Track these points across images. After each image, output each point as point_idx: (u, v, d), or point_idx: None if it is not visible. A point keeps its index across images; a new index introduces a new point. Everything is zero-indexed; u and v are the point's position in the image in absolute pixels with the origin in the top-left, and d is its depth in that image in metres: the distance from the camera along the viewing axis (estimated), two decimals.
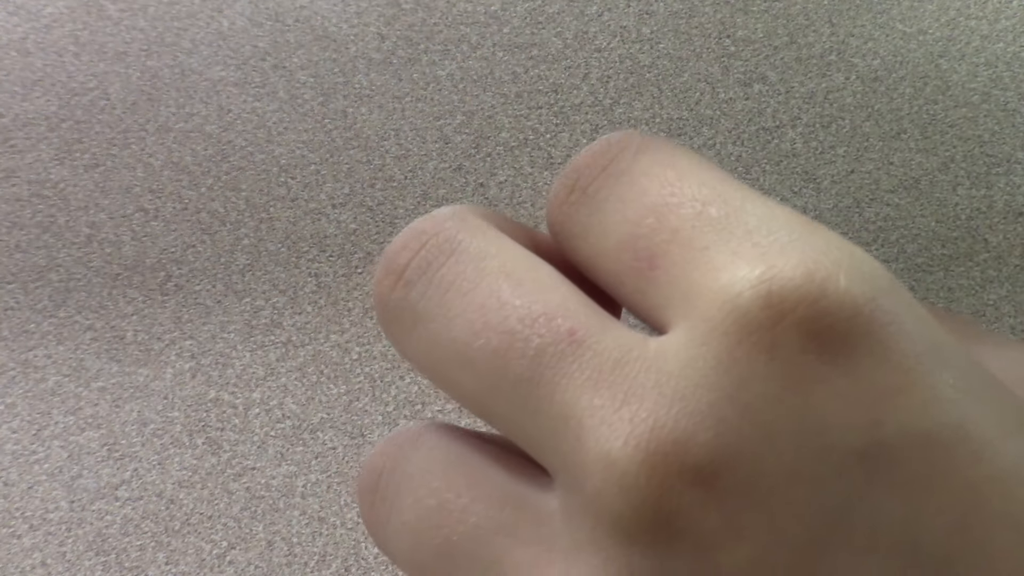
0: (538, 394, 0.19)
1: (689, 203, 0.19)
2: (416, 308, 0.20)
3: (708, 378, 0.17)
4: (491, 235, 0.20)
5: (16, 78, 0.39)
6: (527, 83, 0.39)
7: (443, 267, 0.20)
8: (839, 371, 0.17)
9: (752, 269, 0.18)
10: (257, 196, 0.37)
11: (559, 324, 0.19)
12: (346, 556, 0.32)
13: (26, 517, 0.33)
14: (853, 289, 0.17)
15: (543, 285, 0.19)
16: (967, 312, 0.34)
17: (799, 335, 0.17)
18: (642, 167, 0.20)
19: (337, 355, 0.35)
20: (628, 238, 0.19)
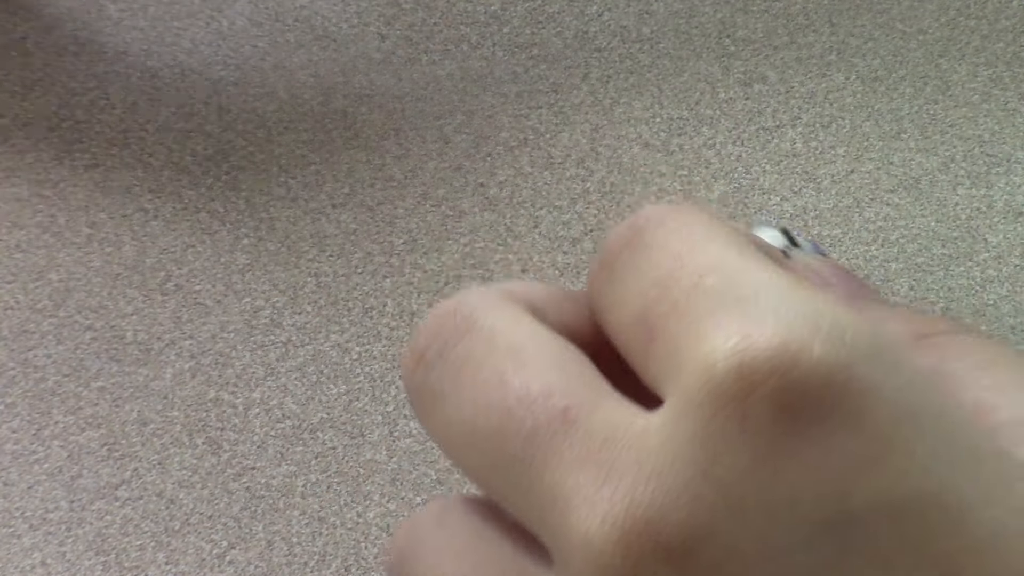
0: (531, 473, 0.19)
1: (689, 275, 0.19)
2: (434, 389, 0.21)
3: (684, 453, 0.18)
4: (507, 311, 0.21)
5: (16, 78, 0.39)
6: (527, 83, 0.39)
7: (457, 346, 0.21)
8: (810, 442, 0.17)
9: (728, 339, 0.18)
10: (257, 196, 0.37)
11: (555, 403, 0.19)
12: (346, 556, 0.32)
13: (26, 517, 0.33)
14: (828, 357, 0.18)
15: (547, 362, 0.20)
16: (967, 313, 0.34)
17: (771, 407, 0.17)
18: (658, 240, 0.21)
19: (337, 355, 0.35)
20: (639, 311, 0.20)
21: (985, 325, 0.34)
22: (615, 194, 0.37)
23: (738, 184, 0.37)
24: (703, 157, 0.38)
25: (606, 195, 0.37)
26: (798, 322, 0.18)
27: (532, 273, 0.36)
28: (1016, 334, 0.34)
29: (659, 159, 0.37)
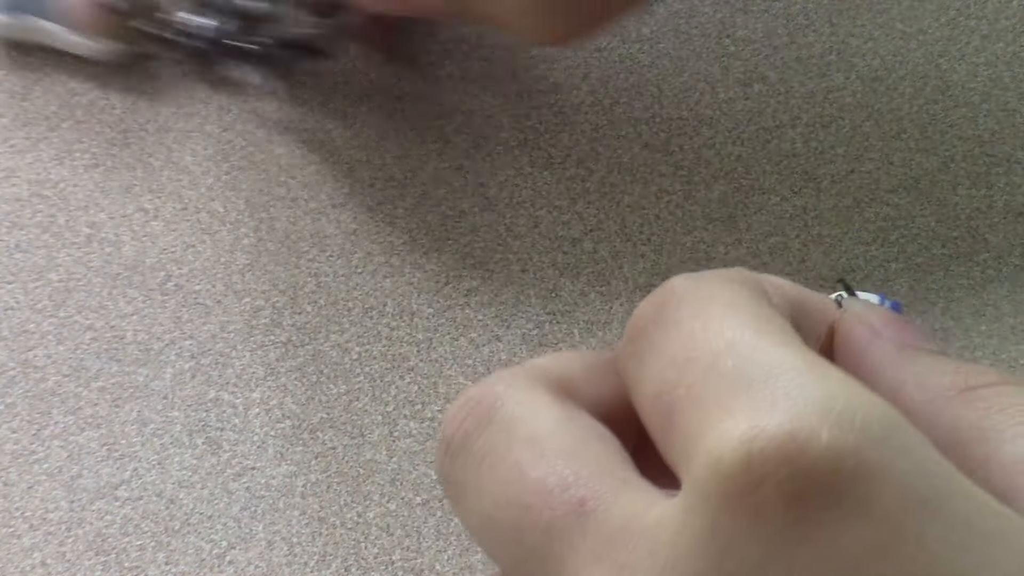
0: (549, 566, 0.19)
1: (704, 357, 0.19)
2: (460, 480, 0.21)
3: (697, 547, 0.17)
4: (531, 398, 0.21)
5: (16, 78, 0.39)
6: (527, 83, 0.39)
7: (480, 438, 0.21)
8: (821, 530, 0.17)
9: (736, 427, 0.18)
10: (257, 196, 0.37)
11: (571, 495, 0.19)
12: (346, 556, 0.32)
13: (26, 517, 0.33)
14: (836, 444, 0.17)
15: (565, 452, 0.20)
16: (967, 312, 0.34)
17: (780, 497, 0.17)
18: (679, 317, 0.20)
19: (337, 355, 0.35)
20: (658, 392, 0.20)
21: (985, 325, 0.34)
22: (615, 194, 0.37)
23: (738, 184, 0.37)
24: (703, 157, 0.38)
25: (606, 195, 0.37)
26: (807, 407, 0.18)
27: (532, 273, 0.36)
28: (1016, 334, 0.34)
29: (659, 159, 0.37)
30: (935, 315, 0.34)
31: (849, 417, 0.18)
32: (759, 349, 0.19)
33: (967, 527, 0.18)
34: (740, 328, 0.20)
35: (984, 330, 0.34)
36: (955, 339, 0.33)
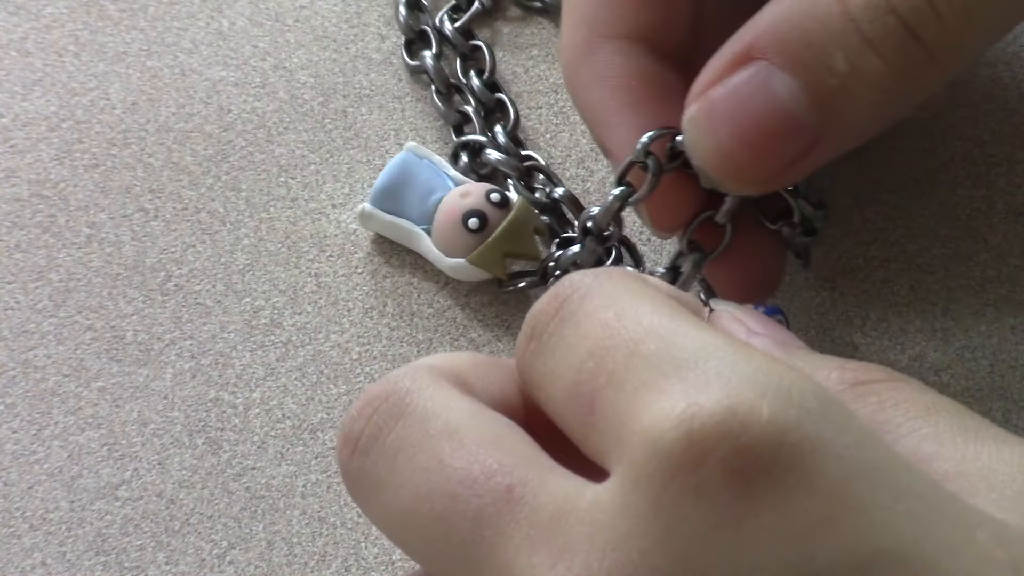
0: (480, 555, 0.19)
1: (624, 344, 0.19)
2: (371, 476, 0.21)
3: (639, 526, 0.17)
4: (439, 393, 0.21)
5: (16, 78, 0.39)
6: (527, 83, 0.39)
7: (392, 432, 0.20)
8: (766, 506, 0.17)
9: (673, 407, 0.17)
10: (257, 196, 0.37)
11: (497, 482, 0.19)
12: (346, 556, 0.32)
13: (26, 517, 0.33)
14: (776, 418, 0.17)
15: (484, 441, 0.20)
16: (967, 312, 0.34)
17: (723, 473, 0.17)
18: (587, 310, 0.20)
19: (337, 355, 0.35)
20: (572, 384, 0.20)
21: (985, 325, 0.34)
22: None
23: None
24: None
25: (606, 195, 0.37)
26: (743, 384, 0.18)
27: None
28: (1016, 334, 0.34)
29: None
30: (935, 315, 0.34)
31: (785, 393, 0.18)
32: (679, 333, 0.19)
33: (910, 496, 0.18)
34: (656, 315, 0.19)
35: (984, 330, 0.34)
36: (955, 339, 0.33)
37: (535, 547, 0.18)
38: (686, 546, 0.17)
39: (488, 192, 0.34)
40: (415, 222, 0.34)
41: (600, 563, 0.17)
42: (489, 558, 0.19)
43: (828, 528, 0.17)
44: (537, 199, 0.35)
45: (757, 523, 0.17)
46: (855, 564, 0.17)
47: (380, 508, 0.20)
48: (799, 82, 0.25)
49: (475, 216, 0.33)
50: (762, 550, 0.17)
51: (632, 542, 0.17)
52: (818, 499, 0.17)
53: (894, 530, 0.17)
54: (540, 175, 0.36)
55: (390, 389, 0.21)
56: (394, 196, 0.35)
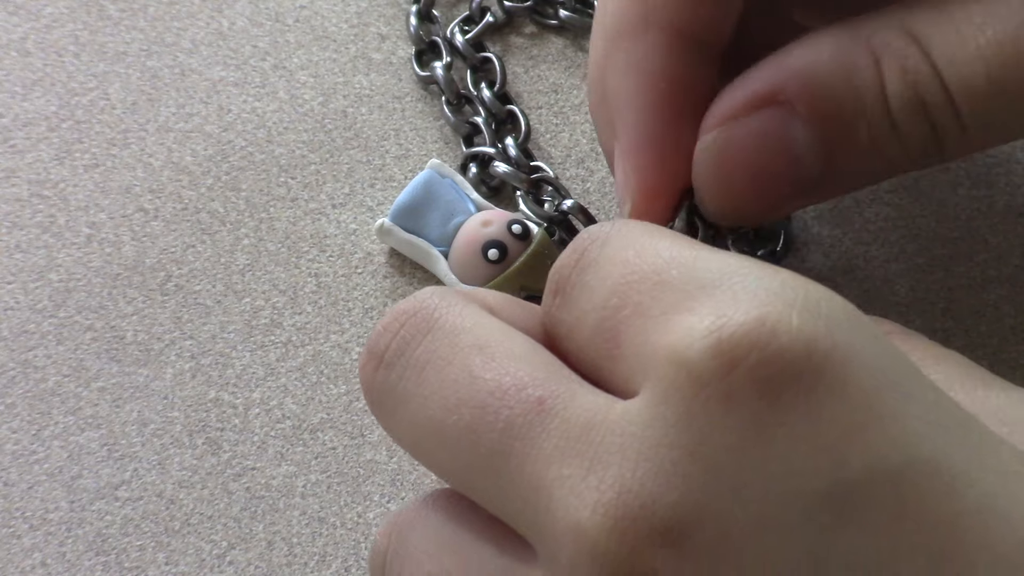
0: (509, 466, 0.19)
1: (647, 276, 0.19)
2: (396, 390, 0.21)
3: (669, 436, 0.17)
4: (467, 310, 0.21)
5: (16, 78, 0.39)
6: (527, 83, 0.39)
7: (420, 346, 0.20)
8: (798, 414, 0.17)
9: (701, 320, 0.18)
10: (257, 196, 0.37)
11: (528, 394, 0.19)
12: (346, 556, 0.32)
13: (26, 517, 0.33)
14: (807, 328, 0.17)
15: (514, 355, 0.20)
16: (967, 313, 0.34)
17: (754, 381, 0.17)
18: (607, 255, 0.20)
19: (337, 355, 0.35)
20: (598, 323, 0.20)
21: (985, 325, 0.34)
22: (615, 194, 0.37)
23: None
24: None
25: (606, 195, 0.37)
26: (771, 297, 0.18)
27: None
28: (1016, 334, 0.34)
29: None
30: (935, 315, 0.34)
31: (814, 304, 0.18)
32: (701, 258, 0.19)
33: (938, 409, 0.18)
34: (675, 247, 0.20)
35: (984, 330, 0.34)
36: (955, 339, 0.33)
37: (566, 458, 0.18)
38: (718, 455, 0.17)
39: (510, 223, 0.34)
40: (433, 243, 0.34)
41: (633, 473, 0.17)
42: (518, 468, 0.18)
43: (861, 435, 0.17)
44: (545, 211, 0.35)
45: (789, 431, 0.17)
46: (888, 471, 0.17)
47: (405, 422, 0.20)
48: (817, 136, 0.25)
49: (495, 247, 0.33)
50: (794, 457, 0.17)
51: (664, 452, 0.17)
52: (850, 407, 0.17)
53: (925, 439, 0.17)
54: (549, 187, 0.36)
55: (418, 305, 0.21)
56: (415, 214, 0.35)
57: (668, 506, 0.17)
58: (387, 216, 0.35)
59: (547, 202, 0.36)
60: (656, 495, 0.17)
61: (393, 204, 0.35)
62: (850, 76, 0.24)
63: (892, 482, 0.17)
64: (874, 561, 0.17)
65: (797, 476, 0.17)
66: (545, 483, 0.18)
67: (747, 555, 0.17)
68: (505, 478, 0.19)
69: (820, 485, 0.17)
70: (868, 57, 0.24)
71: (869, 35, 0.24)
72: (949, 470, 0.17)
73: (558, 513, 0.18)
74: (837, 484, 0.17)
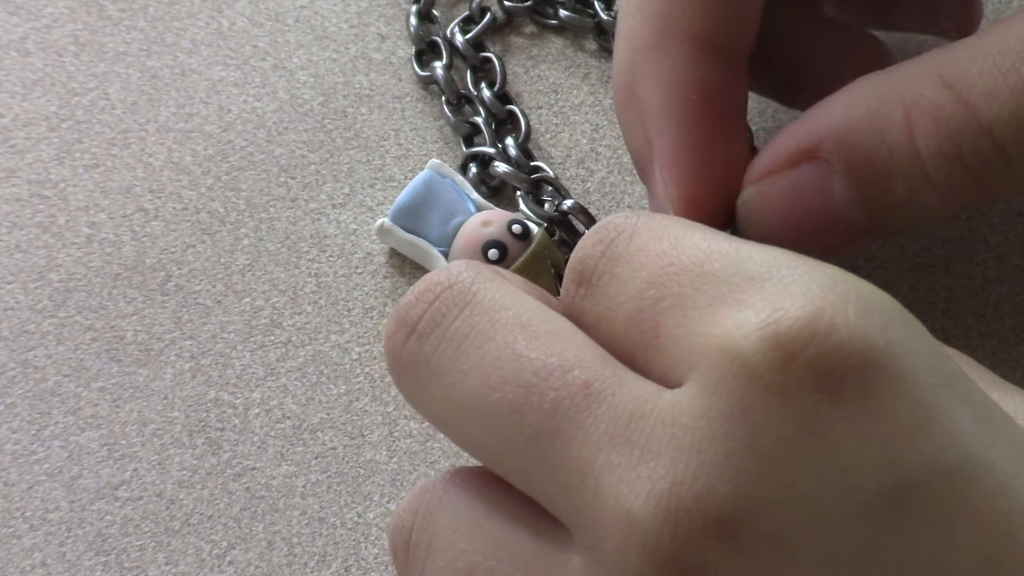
0: (554, 449, 0.18)
1: (688, 267, 0.19)
2: (430, 362, 0.20)
3: (723, 427, 0.17)
4: (505, 287, 0.20)
5: (16, 78, 0.39)
6: (527, 83, 0.39)
7: (457, 319, 0.20)
8: (855, 409, 0.17)
9: (757, 313, 0.17)
10: (257, 196, 0.37)
11: (575, 376, 0.18)
12: (346, 556, 0.32)
13: (26, 517, 0.33)
14: (864, 323, 0.17)
15: (559, 336, 0.19)
16: (967, 312, 0.34)
17: (811, 375, 0.17)
18: (637, 246, 0.20)
19: (337, 355, 0.35)
20: (633, 314, 0.19)
21: (985, 325, 0.34)
22: (615, 194, 0.37)
23: None
24: None
25: (606, 195, 0.37)
26: (824, 291, 0.17)
27: None
28: (1016, 334, 0.34)
29: None
30: (935, 315, 0.34)
31: (866, 300, 0.17)
32: (744, 250, 0.19)
33: (987, 409, 0.18)
34: (713, 239, 0.19)
35: (984, 330, 0.34)
36: (955, 339, 0.33)
37: (615, 445, 0.18)
38: (774, 448, 0.17)
39: (510, 223, 0.34)
40: (433, 243, 0.34)
41: (686, 466, 0.17)
42: (564, 452, 0.18)
43: (917, 432, 0.17)
44: (545, 211, 0.35)
45: (847, 426, 0.17)
46: (943, 469, 0.17)
47: (437, 395, 0.20)
48: (856, 191, 0.25)
49: (495, 247, 0.33)
50: (851, 454, 0.17)
51: (718, 444, 0.17)
52: (907, 403, 0.17)
53: (978, 438, 0.17)
54: (549, 187, 0.36)
55: (453, 279, 0.20)
56: (415, 215, 0.35)
57: (723, 498, 0.17)
58: (387, 216, 0.35)
59: (547, 202, 0.36)
60: (711, 487, 0.17)
61: (393, 204, 0.35)
62: (883, 133, 0.24)
63: (948, 480, 0.17)
64: (929, 559, 0.17)
65: (854, 472, 0.17)
66: (593, 469, 0.18)
67: (802, 550, 0.17)
68: (548, 461, 0.18)
69: (877, 482, 0.17)
70: (901, 111, 0.24)
71: (904, 88, 0.24)
72: (1003, 470, 0.17)
73: (607, 502, 0.17)
74: (894, 481, 0.17)
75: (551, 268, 0.34)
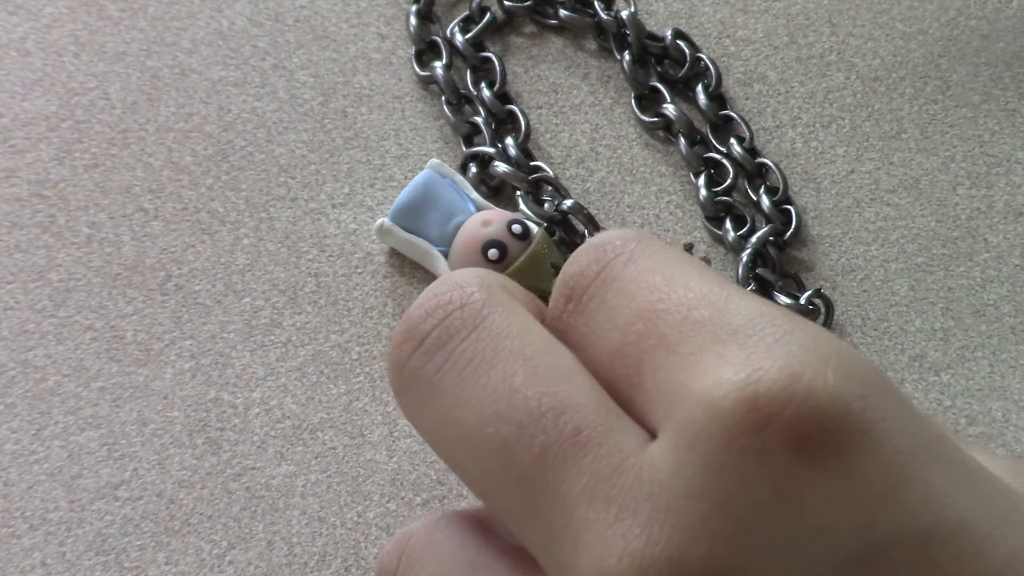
0: (540, 495, 0.18)
1: (675, 308, 0.19)
2: (432, 380, 0.20)
3: (698, 488, 0.17)
4: (515, 314, 0.20)
5: (16, 78, 0.39)
6: (529, 83, 0.39)
7: (464, 341, 0.20)
8: (831, 473, 0.17)
9: (737, 372, 0.17)
10: (257, 196, 0.37)
11: (566, 421, 0.18)
12: (346, 556, 0.32)
13: (26, 517, 0.33)
14: (842, 387, 0.17)
15: (557, 374, 0.19)
16: (967, 312, 0.34)
17: (788, 438, 0.17)
18: (631, 274, 0.20)
19: (337, 355, 0.35)
20: (618, 346, 0.19)
21: (985, 325, 0.34)
22: (615, 194, 0.37)
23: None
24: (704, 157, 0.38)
25: (606, 195, 0.37)
26: (805, 353, 0.17)
27: None
28: (1016, 334, 0.34)
29: (659, 159, 0.37)
30: (935, 315, 0.34)
31: (847, 364, 0.18)
32: (732, 300, 0.19)
33: (964, 469, 0.18)
34: (705, 282, 0.19)
35: (984, 330, 0.34)
36: (955, 339, 0.33)
37: (594, 500, 0.18)
38: (748, 510, 0.17)
39: (510, 223, 0.34)
40: (433, 243, 0.34)
41: (661, 526, 0.17)
42: (548, 500, 0.18)
43: (892, 496, 0.17)
44: (545, 211, 0.35)
45: (821, 490, 0.17)
46: (918, 532, 0.17)
47: (433, 416, 0.20)
48: None
49: (495, 247, 0.33)
50: (825, 518, 0.17)
51: (693, 505, 0.17)
52: (883, 467, 0.17)
53: (954, 500, 0.17)
54: (549, 187, 0.36)
55: (466, 299, 0.20)
56: (415, 214, 0.35)
57: (695, 560, 0.17)
58: (387, 216, 0.35)
59: (547, 202, 0.36)
60: (684, 549, 0.17)
61: (393, 204, 0.35)
62: None
63: (922, 543, 0.17)
64: None
65: (828, 535, 0.17)
66: (573, 522, 0.18)
67: None
68: (532, 506, 0.18)
69: (850, 545, 0.17)
70: None
71: None
72: (977, 530, 0.17)
73: (584, 558, 0.18)
74: (867, 544, 0.17)
75: (551, 268, 0.34)
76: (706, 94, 0.37)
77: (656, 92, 0.38)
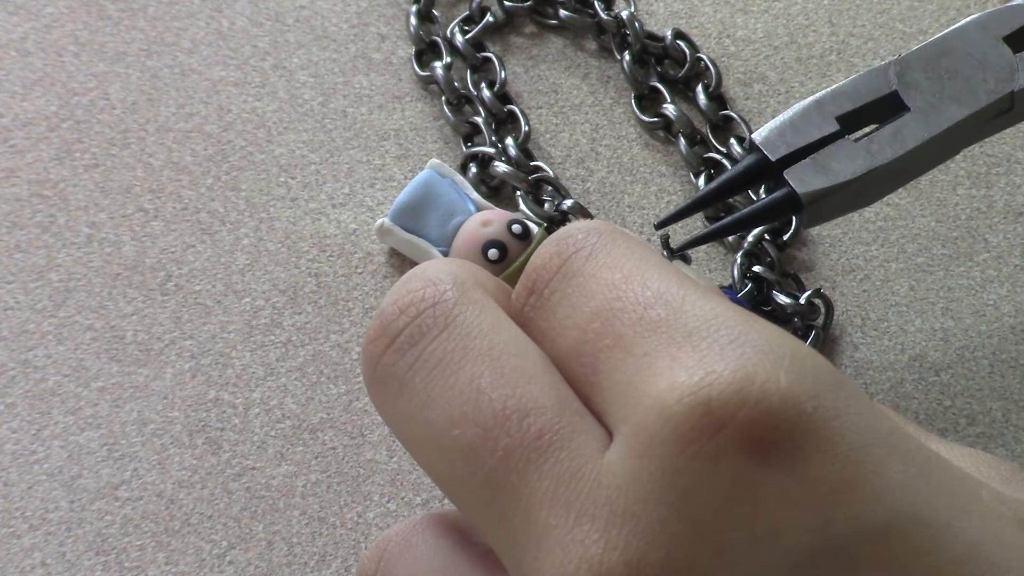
0: (503, 499, 0.18)
1: (632, 307, 0.19)
2: (402, 379, 0.20)
3: (654, 492, 0.17)
4: (486, 311, 0.20)
5: (16, 78, 0.39)
6: (527, 83, 0.39)
7: (435, 340, 0.20)
8: (785, 473, 0.17)
9: (691, 375, 0.17)
10: (257, 196, 0.37)
11: (529, 424, 0.18)
12: (346, 556, 0.32)
13: (26, 517, 0.33)
14: (795, 387, 0.17)
15: (524, 375, 0.19)
16: (967, 312, 0.34)
17: (742, 441, 0.17)
18: (591, 270, 0.20)
19: (337, 355, 0.35)
20: (576, 344, 0.19)
21: (985, 325, 0.34)
22: (615, 194, 0.37)
23: None
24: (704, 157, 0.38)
25: (606, 195, 0.37)
26: (758, 354, 0.18)
27: None
28: (1016, 334, 0.34)
29: (659, 159, 0.37)
30: (935, 315, 0.34)
31: (800, 363, 0.18)
32: (688, 300, 0.19)
33: (919, 460, 0.18)
34: (663, 280, 0.19)
35: (984, 330, 0.34)
36: (955, 339, 0.33)
37: (555, 505, 0.18)
38: (704, 514, 0.17)
39: (510, 223, 0.34)
40: (433, 243, 0.34)
41: (619, 530, 0.17)
42: (512, 504, 0.18)
43: (848, 493, 0.17)
44: (545, 211, 0.35)
45: (776, 490, 0.17)
46: (874, 527, 0.17)
47: (404, 414, 0.20)
48: None
49: (495, 247, 0.33)
50: (782, 516, 0.17)
51: (651, 509, 0.17)
52: (837, 465, 0.17)
53: (909, 492, 0.17)
54: (549, 187, 0.36)
55: (438, 296, 0.20)
56: (414, 214, 0.35)
57: (653, 564, 0.17)
58: (387, 216, 0.35)
59: (547, 202, 0.36)
60: (641, 554, 0.17)
61: (393, 204, 0.35)
62: None
63: (879, 537, 0.17)
64: None
65: (785, 535, 0.17)
66: (536, 527, 0.18)
67: None
68: (497, 509, 0.19)
69: (808, 543, 0.17)
70: None
71: None
72: (935, 521, 0.17)
73: (544, 563, 0.18)
74: (825, 542, 0.17)
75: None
76: (706, 94, 0.37)
77: (656, 92, 0.38)
